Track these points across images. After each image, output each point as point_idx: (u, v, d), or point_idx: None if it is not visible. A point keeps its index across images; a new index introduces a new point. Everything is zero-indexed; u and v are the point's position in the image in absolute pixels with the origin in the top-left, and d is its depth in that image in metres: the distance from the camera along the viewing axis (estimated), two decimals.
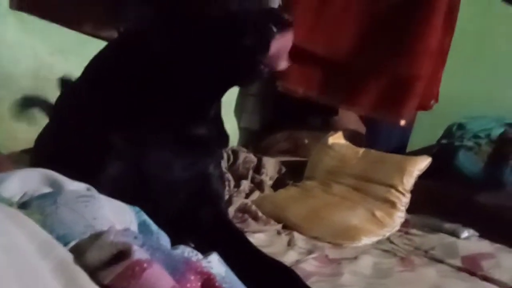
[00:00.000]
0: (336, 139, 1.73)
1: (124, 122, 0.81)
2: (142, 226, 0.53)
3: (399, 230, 1.40)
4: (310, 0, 1.93)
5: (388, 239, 1.33)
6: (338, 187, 1.50)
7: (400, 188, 1.42)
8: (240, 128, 2.32)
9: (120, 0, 0.83)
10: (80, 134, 0.82)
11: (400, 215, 1.41)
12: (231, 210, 1.25)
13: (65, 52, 1.65)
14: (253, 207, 1.32)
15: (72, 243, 0.42)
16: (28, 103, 1.58)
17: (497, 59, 2.44)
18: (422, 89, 1.65)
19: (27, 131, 1.14)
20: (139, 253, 0.39)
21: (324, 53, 1.92)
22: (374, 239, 1.30)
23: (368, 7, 1.75)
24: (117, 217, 0.49)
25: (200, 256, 0.49)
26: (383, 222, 1.36)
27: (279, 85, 2.07)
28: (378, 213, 1.38)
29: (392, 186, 1.43)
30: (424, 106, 1.78)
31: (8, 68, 1.60)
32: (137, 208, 0.55)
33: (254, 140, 2.29)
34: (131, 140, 0.80)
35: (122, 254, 0.39)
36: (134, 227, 0.51)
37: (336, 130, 1.85)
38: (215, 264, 0.48)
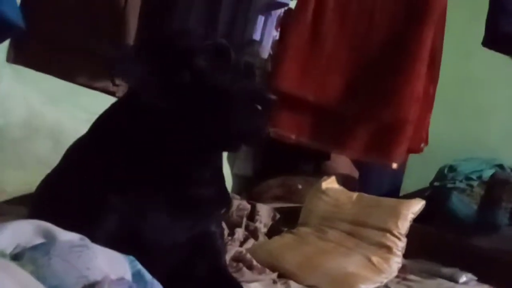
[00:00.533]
0: (330, 184, 1.73)
1: (123, 181, 0.82)
2: (136, 275, 0.52)
3: (397, 276, 1.38)
4: (299, 48, 2.00)
5: (386, 286, 1.31)
6: (332, 233, 1.49)
7: (395, 232, 1.42)
8: (233, 175, 2.32)
9: (115, 57, 0.86)
10: (81, 189, 0.82)
11: (397, 260, 1.39)
12: (226, 259, 1.23)
13: (57, 102, 1.65)
14: (248, 256, 1.30)
15: None
16: None
17: (481, 102, 2.52)
18: (411, 133, 1.68)
19: (17, 183, 1.12)
20: None
21: (314, 100, 1.96)
22: (372, 286, 1.28)
23: (355, 56, 1.81)
24: (111, 266, 0.49)
25: None
26: (380, 268, 1.34)
27: (271, 131, 2.10)
28: (375, 259, 1.36)
29: (387, 231, 1.42)
30: (415, 149, 1.80)
31: (0, 117, 1.61)
32: (132, 258, 0.55)
33: (247, 186, 2.28)
34: (130, 201, 0.80)
35: None
36: (128, 277, 0.51)
37: (328, 174, 1.86)
38: None
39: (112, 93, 1.58)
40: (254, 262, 1.28)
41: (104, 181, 0.81)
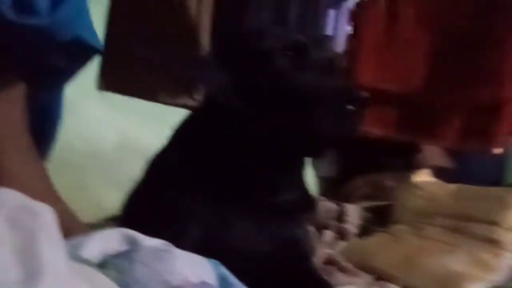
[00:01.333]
0: (423, 177, 1.61)
1: (206, 190, 0.80)
2: (221, 279, 0.50)
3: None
4: (376, 37, 1.90)
5: (497, 286, 1.17)
6: (431, 230, 1.37)
7: (504, 225, 1.26)
8: (318, 177, 2.26)
9: (193, 68, 0.85)
10: (164, 201, 0.83)
11: (509, 257, 1.24)
12: (316, 263, 1.18)
13: (147, 123, 1.74)
14: (338, 258, 1.23)
15: None
16: None
17: None
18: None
19: (114, 201, 1.20)
20: None
21: (398, 91, 1.85)
22: (482, 286, 1.15)
23: (439, 36, 1.67)
24: (194, 270, 0.47)
25: None
26: (491, 266, 1.20)
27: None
28: (483, 256, 1.23)
29: (496, 224, 1.27)
30: None
31: (94, 144, 1.74)
32: (216, 261, 0.52)
33: (333, 187, 2.20)
34: (214, 210, 0.79)
35: None
36: (212, 281, 0.48)
37: (420, 168, 1.74)
38: None
39: (192, 108, 1.65)
40: (346, 264, 1.21)
41: (187, 191, 0.80)
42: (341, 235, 1.58)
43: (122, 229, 0.58)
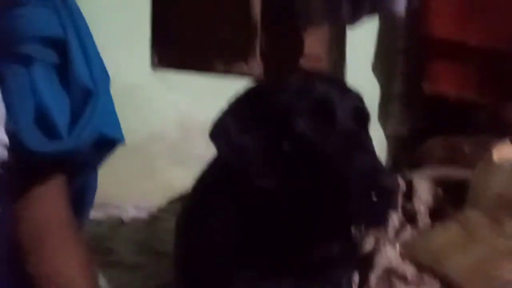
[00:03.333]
0: (505, 152, 1.39)
1: (250, 259, 0.75)
2: None
3: None
4: None
5: None
6: None
7: None
8: (386, 136, 2.08)
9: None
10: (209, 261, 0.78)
11: None
12: (373, 279, 1.09)
13: (203, 101, 1.74)
14: (400, 269, 1.13)
15: None
16: None
17: None
18: None
19: (183, 179, 1.22)
20: None
21: (478, 44, 1.58)
22: None
23: None
24: None
25: None
26: None
27: (426, 88, 1.79)
28: None
29: None
30: None
31: (157, 125, 1.79)
32: None
33: (404, 148, 2.03)
34: (256, 276, 0.75)
35: None
36: None
37: (506, 131, 1.51)
38: None
39: (247, 74, 1.69)
40: (408, 274, 1.11)
41: (229, 258, 0.76)
42: (410, 218, 1.46)
43: None
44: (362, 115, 0.72)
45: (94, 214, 1.22)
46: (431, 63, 1.73)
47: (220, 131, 0.73)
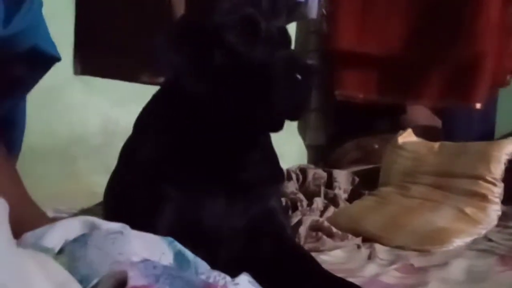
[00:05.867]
0: (407, 137, 1.61)
1: (175, 172, 0.80)
2: (178, 256, 0.50)
3: (497, 225, 1.24)
4: (353, 1, 1.87)
5: (485, 237, 1.18)
6: (416, 189, 1.38)
7: (488, 178, 1.27)
8: (306, 146, 2.26)
9: (153, 52, 0.84)
10: (137, 186, 0.83)
11: (495, 208, 1.25)
12: (303, 230, 1.18)
13: (126, 105, 1.72)
14: (326, 223, 1.23)
15: (94, 281, 0.40)
16: None
17: None
18: (491, 66, 1.49)
19: (105, 183, 1.20)
20: (135, 280, 0.36)
21: (377, 53, 1.83)
22: (468, 239, 1.16)
23: None
24: (146, 250, 0.46)
25: (228, 279, 0.45)
26: (476, 219, 1.21)
27: (338, 94, 2.00)
28: (468, 210, 1.24)
29: (478, 177, 1.27)
30: (500, 82, 1.61)
31: (78, 128, 1.71)
32: (170, 239, 0.52)
33: (323, 155, 2.21)
34: (185, 190, 0.79)
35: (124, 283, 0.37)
36: (167, 258, 0.48)
37: (407, 129, 1.73)
38: (244, 285, 0.43)
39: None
40: (334, 229, 1.21)
41: (157, 174, 0.80)
42: (332, 201, 1.59)
43: (83, 217, 0.58)
44: (284, 33, 0.82)
45: None
46: (340, 73, 1.95)
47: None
